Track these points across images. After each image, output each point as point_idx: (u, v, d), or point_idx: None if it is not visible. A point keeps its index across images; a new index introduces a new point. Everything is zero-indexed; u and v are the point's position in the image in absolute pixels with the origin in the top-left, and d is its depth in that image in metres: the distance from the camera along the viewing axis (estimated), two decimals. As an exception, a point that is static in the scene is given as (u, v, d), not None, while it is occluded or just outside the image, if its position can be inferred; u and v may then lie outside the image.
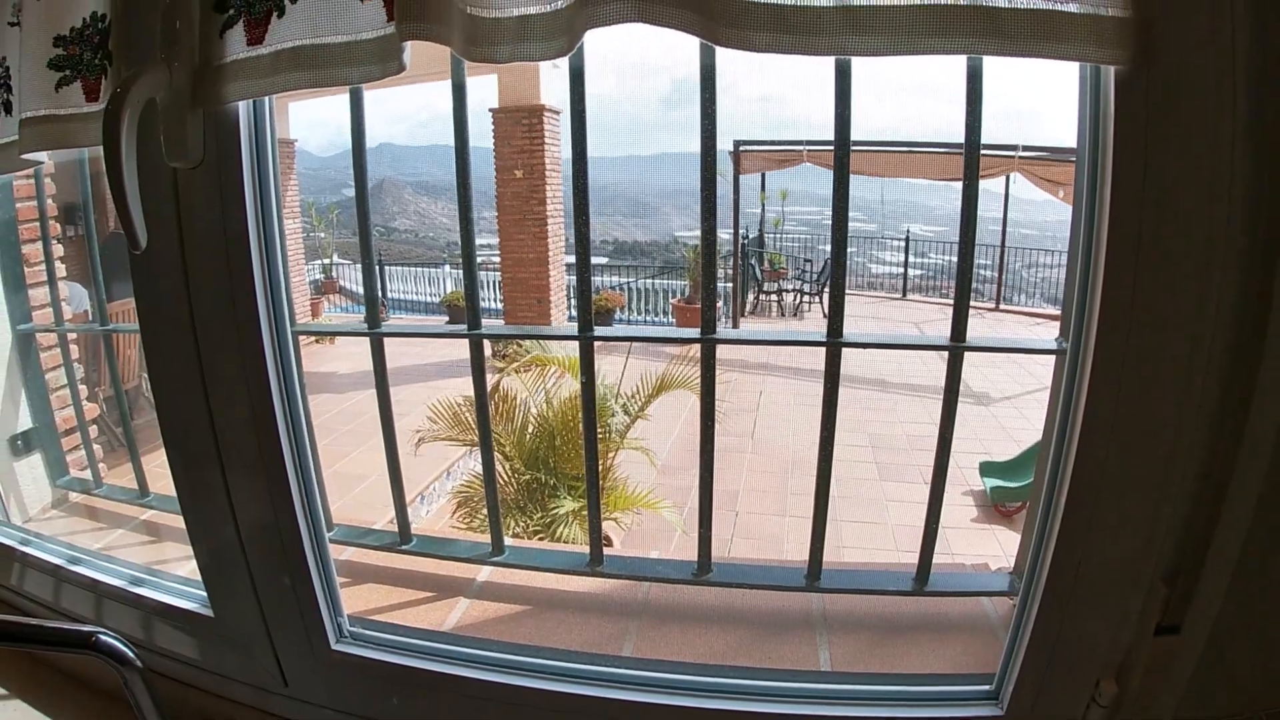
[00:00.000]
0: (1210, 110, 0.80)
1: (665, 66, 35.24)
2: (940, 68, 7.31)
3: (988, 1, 0.76)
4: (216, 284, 1.10)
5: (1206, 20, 0.77)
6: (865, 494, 6.26)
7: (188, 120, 1.03)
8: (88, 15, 1.07)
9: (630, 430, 5.41)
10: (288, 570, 1.23)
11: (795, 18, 0.77)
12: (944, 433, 1.22)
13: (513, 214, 10.48)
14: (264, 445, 1.17)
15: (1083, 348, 0.94)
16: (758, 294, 13.63)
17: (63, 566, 1.54)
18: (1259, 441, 0.85)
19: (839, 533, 5.45)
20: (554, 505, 4.70)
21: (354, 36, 0.92)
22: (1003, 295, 13.99)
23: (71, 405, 2.33)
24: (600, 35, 0.85)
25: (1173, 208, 0.83)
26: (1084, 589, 1.00)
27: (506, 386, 5.28)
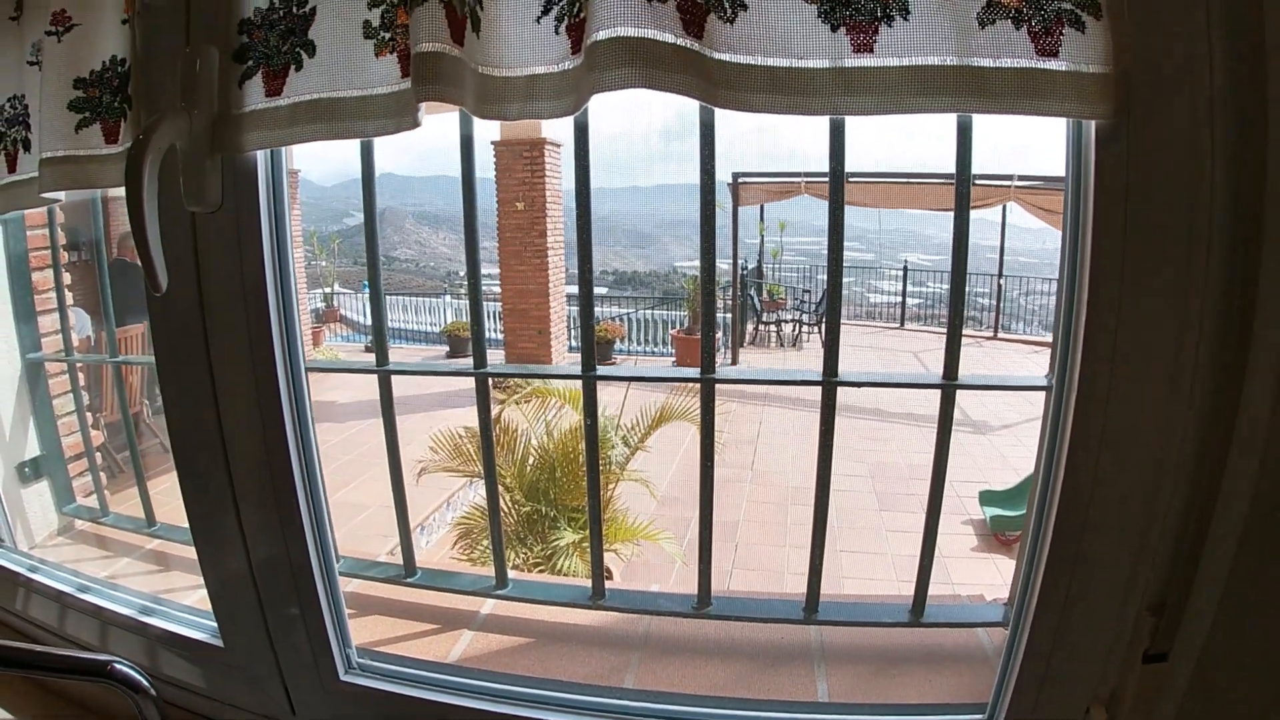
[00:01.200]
0: (1188, 160, 0.83)
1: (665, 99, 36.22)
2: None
3: (974, 61, 0.81)
4: (233, 324, 1.14)
5: (1184, 73, 0.81)
6: (865, 523, 6.26)
7: (207, 166, 1.07)
8: (107, 59, 1.12)
9: (630, 461, 5.42)
10: (298, 601, 1.25)
11: (790, 79, 0.82)
12: (938, 469, 1.24)
13: (513, 245, 10.54)
14: (277, 479, 1.20)
15: (1067, 385, 0.97)
16: (757, 324, 13.66)
17: (71, 594, 1.56)
18: (1241, 475, 0.87)
19: (838, 562, 5.45)
20: (554, 537, 4.71)
21: (369, 91, 0.97)
22: (1001, 323, 14.05)
23: (78, 432, 2.35)
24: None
25: (1153, 256, 0.86)
26: (1073, 618, 1.02)
27: (508, 418, 5.31)
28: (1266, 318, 0.82)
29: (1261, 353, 0.83)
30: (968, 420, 8.21)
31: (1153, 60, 0.82)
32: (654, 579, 5.45)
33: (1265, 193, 0.80)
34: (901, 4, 0.80)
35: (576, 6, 0.85)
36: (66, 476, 2.35)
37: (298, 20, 0.99)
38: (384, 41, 0.95)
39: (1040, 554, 1.04)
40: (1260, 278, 0.82)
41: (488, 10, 0.88)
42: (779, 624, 1.59)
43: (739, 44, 0.82)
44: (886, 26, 0.81)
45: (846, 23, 0.81)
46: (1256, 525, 0.87)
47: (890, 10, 0.81)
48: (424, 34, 0.88)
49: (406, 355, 13.18)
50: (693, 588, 1.43)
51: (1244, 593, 0.90)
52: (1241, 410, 0.86)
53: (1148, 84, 0.82)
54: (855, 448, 7.72)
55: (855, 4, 0.81)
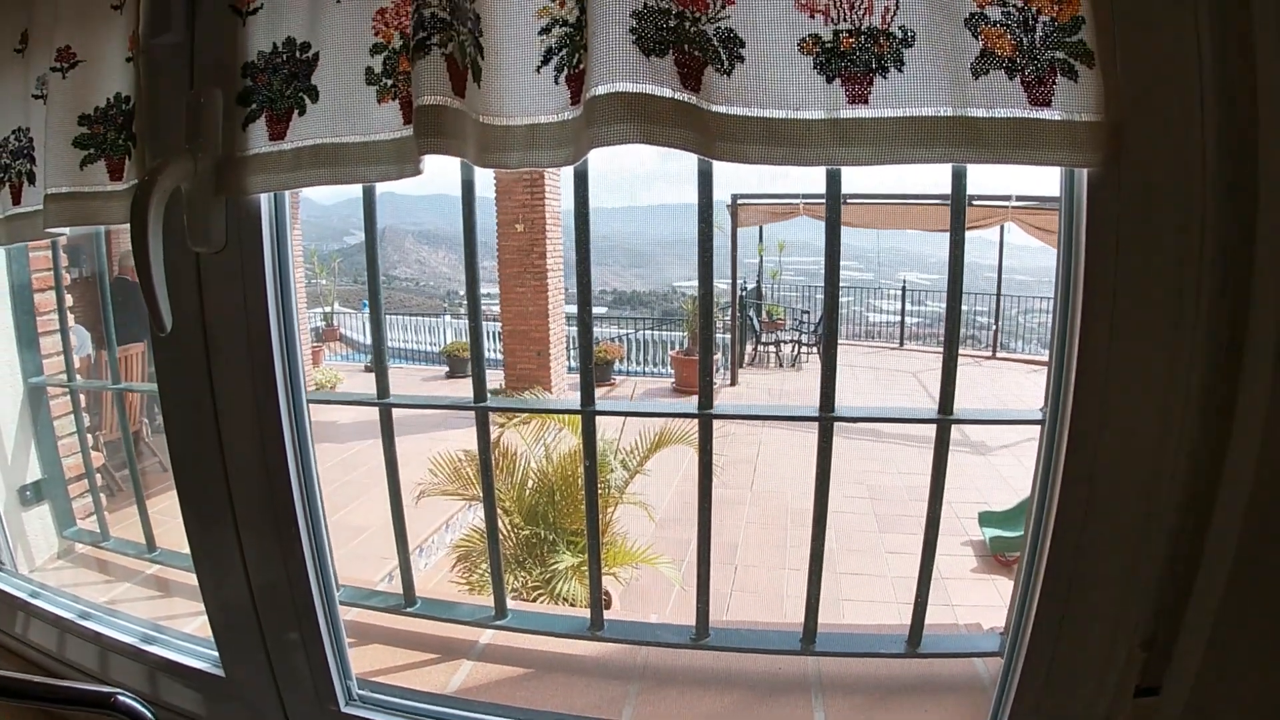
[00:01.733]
0: (1180, 204, 0.85)
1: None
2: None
3: (968, 112, 0.83)
4: (237, 362, 1.15)
5: (1177, 120, 0.83)
6: (864, 546, 6.24)
7: (211, 208, 1.09)
8: (111, 96, 1.13)
9: (629, 485, 5.42)
10: (298, 628, 1.26)
11: (787, 130, 0.83)
12: (934, 502, 1.25)
13: (513, 267, 10.57)
14: (278, 506, 1.21)
15: (1060, 418, 0.98)
16: (756, 345, 13.68)
17: (71, 620, 1.57)
18: (1231, 509, 0.88)
19: (838, 585, 5.43)
20: (553, 560, 4.70)
21: (371, 137, 0.98)
22: (1000, 342, 14.07)
23: (78, 454, 2.37)
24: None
25: (1145, 292, 0.88)
26: (1066, 651, 1.03)
27: (507, 441, 5.31)
28: (1257, 351, 0.84)
29: (1252, 386, 0.85)
30: (966, 441, 8.19)
31: (1145, 108, 0.84)
32: (653, 603, 5.43)
33: (1256, 231, 0.82)
34: (896, 55, 0.82)
35: (576, 58, 0.87)
36: (67, 500, 2.36)
37: (301, 65, 1.01)
38: (386, 88, 0.97)
39: (1034, 586, 1.05)
40: (1250, 313, 0.84)
41: (489, 60, 0.90)
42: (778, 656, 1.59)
43: (735, 96, 0.84)
44: (881, 78, 0.82)
45: (842, 74, 0.83)
46: (1246, 559, 0.88)
47: (885, 61, 0.82)
48: (426, 87, 0.90)
49: (406, 375, 13.17)
50: (691, 612, 1.44)
51: (1234, 627, 0.91)
52: (1232, 443, 0.87)
53: (1140, 131, 0.84)
54: (854, 469, 7.71)
55: (850, 55, 0.82)
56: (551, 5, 0.89)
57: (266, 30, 1.03)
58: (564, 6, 0.89)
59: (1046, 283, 21.59)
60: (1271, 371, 0.82)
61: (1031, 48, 0.82)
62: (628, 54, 0.82)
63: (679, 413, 1.95)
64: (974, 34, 0.82)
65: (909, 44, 0.82)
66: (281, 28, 1.03)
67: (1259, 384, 0.84)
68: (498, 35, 0.90)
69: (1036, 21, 0.82)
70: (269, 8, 1.03)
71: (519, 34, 0.90)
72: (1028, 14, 0.82)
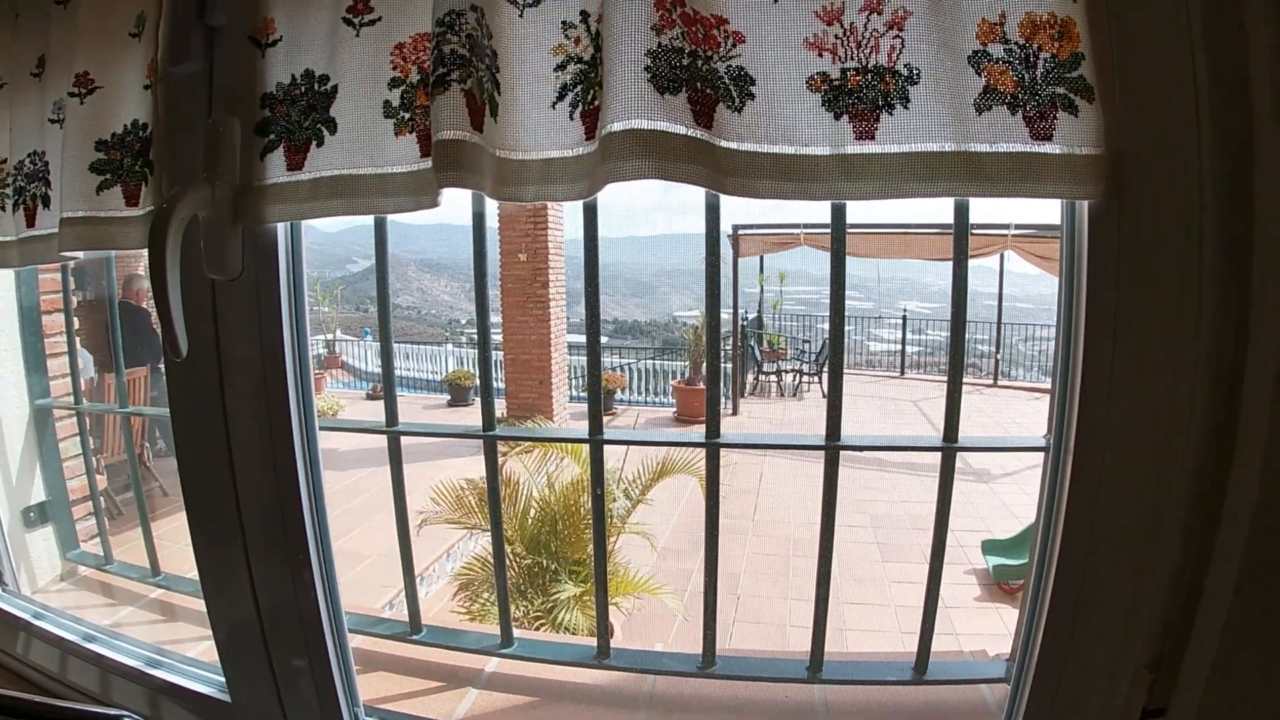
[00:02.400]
0: (1179, 234, 0.87)
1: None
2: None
3: (971, 147, 0.85)
4: (251, 388, 1.17)
5: (1176, 153, 0.85)
6: (868, 575, 6.21)
7: (228, 236, 1.10)
8: (129, 122, 1.15)
9: (631, 514, 5.41)
10: (306, 654, 1.27)
11: (795, 165, 0.86)
12: (939, 531, 1.26)
13: (516, 296, 10.60)
14: (289, 531, 1.22)
15: (1064, 444, 1.00)
16: (757, 375, 13.67)
17: (74, 642, 1.57)
18: (1235, 531, 0.89)
19: (842, 615, 5.40)
20: (555, 590, 4.68)
21: (388, 169, 1.00)
22: (1000, 370, 14.07)
23: (83, 476, 2.38)
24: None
25: (1145, 323, 0.90)
26: (1072, 675, 1.03)
27: (509, 470, 5.30)
28: (1257, 376, 0.85)
29: (1253, 410, 0.86)
30: (969, 469, 8.17)
31: (1144, 141, 0.86)
32: (656, 633, 5.40)
33: (1254, 260, 0.84)
34: (902, 92, 0.84)
35: (591, 94, 0.89)
36: (71, 522, 2.37)
37: (319, 97, 1.04)
38: (404, 121, 0.99)
39: (1040, 612, 1.05)
40: (1250, 338, 0.85)
41: (505, 96, 0.92)
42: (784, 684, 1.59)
43: (746, 133, 0.86)
44: (887, 114, 0.85)
45: (849, 110, 0.85)
46: (1251, 579, 0.88)
47: (891, 98, 0.85)
48: (445, 121, 0.92)
49: (408, 404, 13.16)
50: (695, 642, 1.44)
51: (1240, 647, 0.92)
52: (1234, 466, 0.88)
53: (1139, 164, 0.86)
54: (857, 498, 7.67)
55: (857, 93, 0.85)
56: (567, 43, 0.92)
57: (285, 62, 1.06)
58: (579, 44, 0.91)
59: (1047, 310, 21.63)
60: (1272, 395, 0.84)
61: (1033, 84, 0.84)
62: (643, 91, 0.85)
63: (687, 442, 1.96)
64: (977, 71, 0.85)
65: (914, 81, 0.85)
66: (300, 60, 1.05)
67: (1260, 409, 0.85)
68: (514, 71, 0.92)
69: (1038, 58, 0.84)
70: (288, 40, 1.05)
71: (535, 70, 0.92)
72: (1029, 51, 0.84)
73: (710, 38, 0.86)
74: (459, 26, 0.90)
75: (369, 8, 1.01)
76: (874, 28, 0.85)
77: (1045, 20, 0.84)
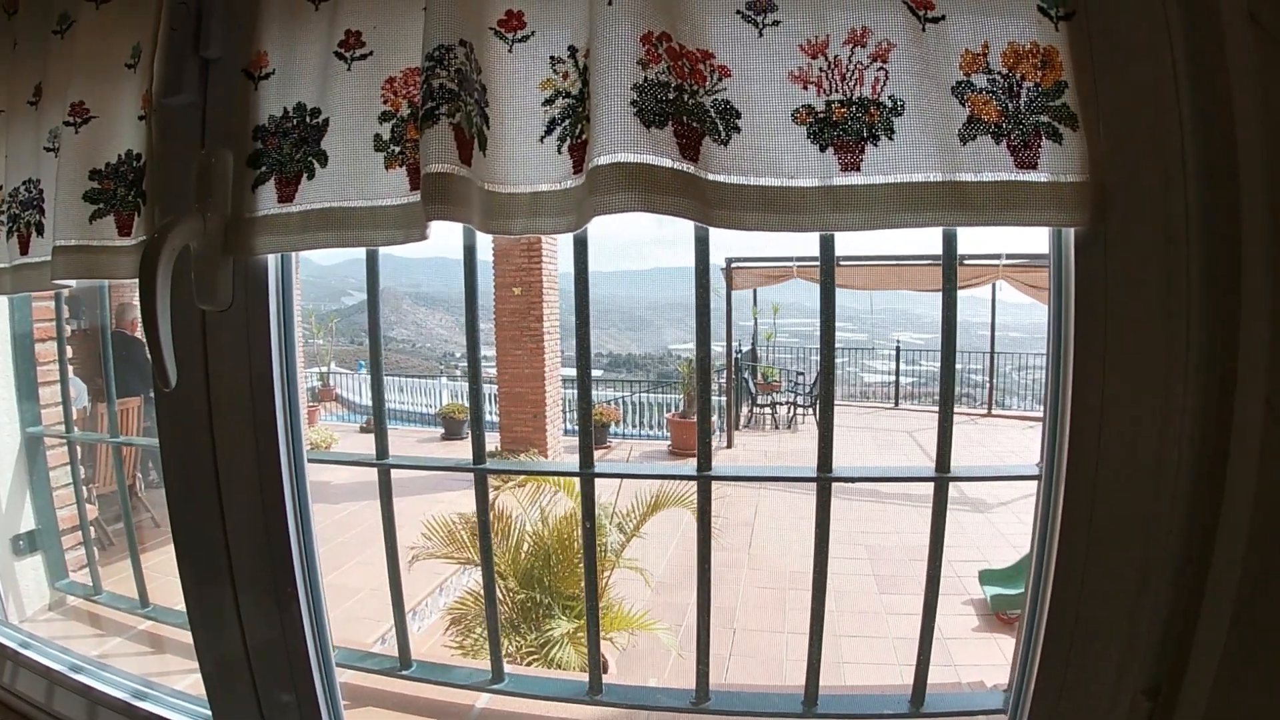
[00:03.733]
0: (1164, 261, 0.87)
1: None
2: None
3: (956, 177, 0.86)
4: (239, 419, 1.16)
5: (1160, 180, 0.86)
6: (864, 607, 6.17)
7: (219, 267, 1.11)
8: (123, 152, 1.16)
9: (625, 549, 5.38)
10: (294, 691, 1.25)
11: (782, 198, 0.86)
12: (933, 564, 1.25)
13: (510, 329, 10.61)
14: (277, 566, 1.21)
15: (1056, 472, 1.00)
16: (751, 407, 13.67)
17: (61, 672, 1.56)
18: (1230, 557, 0.88)
19: (838, 648, 5.35)
20: (548, 626, 4.64)
21: (378, 202, 1.01)
22: (995, 399, 14.09)
23: (73, 505, 2.37)
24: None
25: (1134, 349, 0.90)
26: (1069, 704, 1.02)
27: (502, 504, 5.28)
28: (1248, 403, 0.84)
29: (1245, 436, 0.85)
30: (965, 499, 8.15)
31: (1129, 167, 0.86)
32: (651, 669, 5.34)
33: (1241, 284, 0.83)
34: (886, 124, 0.85)
35: (579, 128, 0.90)
36: (60, 551, 2.37)
37: (310, 130, 1.05)
38: (394, 155, 1.00)
39: (1035, 642, 1.05)
40: (1239, 362, 0.84)
41: (494, 130, 0.93)
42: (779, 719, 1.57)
43: (733, 165, 0.87)
44: (872, 146, 0.86)
45: (835, 143, 0.86)
46: (1247, 605, 0.88)
47: (876, 130, 0.86)
48: (434, 155, 0.92)
49: (401, 437, 13.12)
50: (691, 677, 1.42)
51: (1237, 672, 0.91)
52: (1227, 492, 0.88)
53: (1124, 191, 0.87)
54: (852, 530, 7.64)
55: (842, 125, 0.86)
56: (555, 77, 0.93)
57: (278, 95, 1.07)
58: (567, 79, 0.92)
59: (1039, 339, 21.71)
60: (1263, 421, 0.83)
61: (1017, 113, 0.86)
62: (629, 125, 0.86)
63: (677, 475, 1.95)
64: (961, 102, 0.86)
65: (899, 113, 0.86)
66: (292, 93, 1.06)
67: (1251, 434, 0.84)
68: (504, 106, 0.94)
69: (1021, 88, 0.86)
70: (281, 74, 1.07)
71: (524, 105, 0.94)
72: (1012, 80, 0.86)
73: (696, 72, 0.87)
74: (448, 61, 0.91)
75: (360, 42, 1.02)
76: (858, 60, 0.86)
77: (1028, 50, 0.86)
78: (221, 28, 1.08)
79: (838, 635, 5.50)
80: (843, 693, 1.52)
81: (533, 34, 0.95)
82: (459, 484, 7.91)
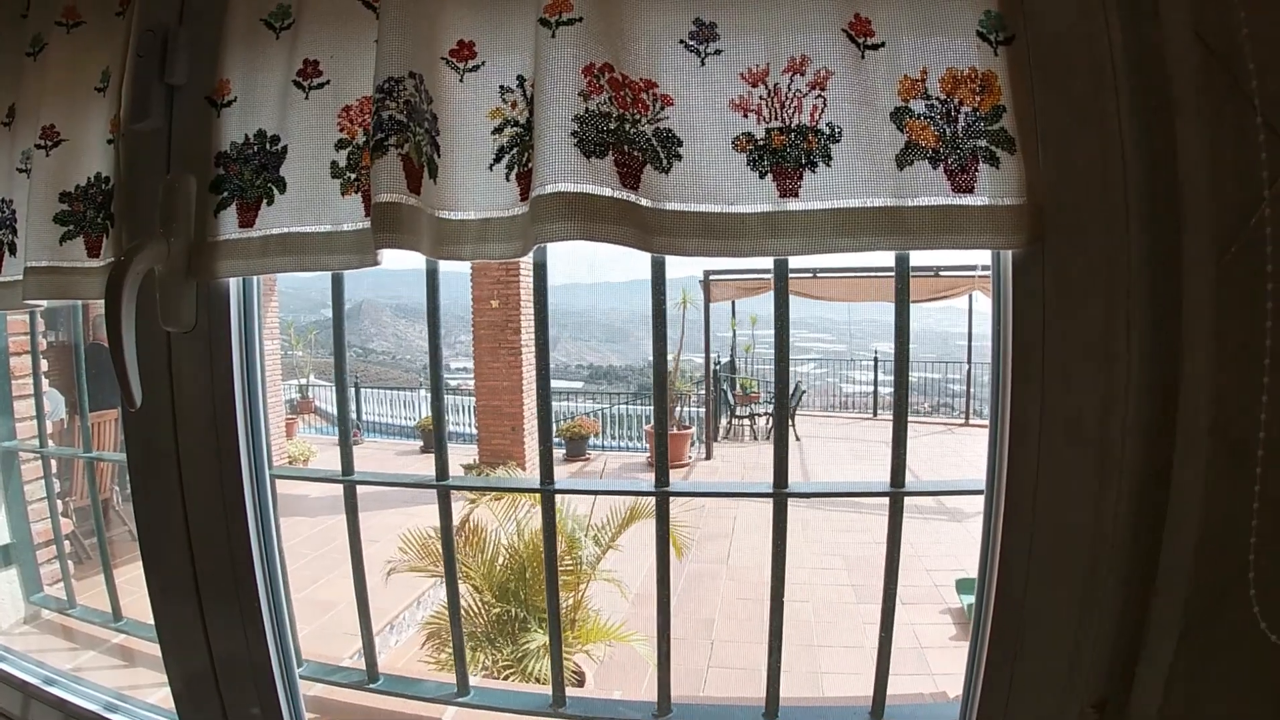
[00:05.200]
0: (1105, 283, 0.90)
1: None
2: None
3: (892, 202, 0.88)
4: (203, 436, 1.18)
5: (1102, 200, 0.88)
6: (842, 618, 6.18)
7: (182, 289, 1.12)
8: (92, 175, 1.18)
9: (602, 561, 5.38)
10: (259, 704, 1.26)
11: (722, 224, 0.89)
12: (889, 578, 1.26)
13: (487, 342, 10.58)
14: (240, 581, 1.22)
15: (996, 489, 1.03)
16: (730, 419, 13.68)
17: (36, 685, 1.57)
18: (1176, 570, 0.90)
19: (816, 659, 5.37)
20: (524, 639, 4.63)
21: (335, 228, 1.03)
22: (972, 409, 14.17)
23: (48, 519, 2.37)
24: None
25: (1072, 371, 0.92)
26: (1016, 714, 1.04)
27: (477, 517, 5.27)
28: (1190, 424, 0.86)
29: (1188, 449, 0.87)
30: (943, 509, 8.18)
31: (1068, 188, 0.89)
32: (629, 680, 5.34)
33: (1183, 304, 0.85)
34: (824, 151, 0.88)
35: (525, 156, 0.93)
36: (35, 565, 2.36)
37: (270, 157, 1.07)
38: (349, 182, 1.02)
39: (981, 652, 1.07)
40: (1181, 382, 0.86)
41: (445, 158, 0.96)
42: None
43: (674, 193, 0.89)
44: (810, 172, 0.88)
45: (774, 170, 0.89)
46: (1196, 617, 0.89)
47: (814, 157, 0.88)
48: (383, 185, 0.94)
49: (380, 450, 13.03)
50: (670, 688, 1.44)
51: (1185, 685, 0.92)
52: (1171, 507, 0.89)
53: (1064, 213, 0.89)
54: (830, 540, 7.67)
55: (781, 152, 0.89)
56: (504, 107, 0.95)
57: (239, 122, 1.09)
58: (515, 108, 0.95)
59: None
60: (1206, 439, 0.85)
61: (954, 138, 0.88)
62: (570, 156, 0.88)
63: (638, 490, 1.96)
64: (899, 127, 0.88)
65: (836, 140, 0.89)
66: (253, 120, 1.08)
67: (1195, 453, 0.86)
68: (454, 134, 0.96)
69: (959, 113, 0.88)
70: (242, 101, 1.09)
71: (473, 133, 0.96)
72: (950, 106, 0.88)
73: (639, 101, 0.90)
74: (397, 93, 0.93)
75: (318, 71, 1.04)
76: (797, 88, 0.89)
77: (966, 75, 0.88)
78: (186, 55, 1.10)
79: (816, 646, 5.52)
80: (804, 704, 1.54)
81: (483, 64, 0.97)
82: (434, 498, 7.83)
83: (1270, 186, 0.81)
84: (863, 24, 0.89)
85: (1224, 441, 0.85)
